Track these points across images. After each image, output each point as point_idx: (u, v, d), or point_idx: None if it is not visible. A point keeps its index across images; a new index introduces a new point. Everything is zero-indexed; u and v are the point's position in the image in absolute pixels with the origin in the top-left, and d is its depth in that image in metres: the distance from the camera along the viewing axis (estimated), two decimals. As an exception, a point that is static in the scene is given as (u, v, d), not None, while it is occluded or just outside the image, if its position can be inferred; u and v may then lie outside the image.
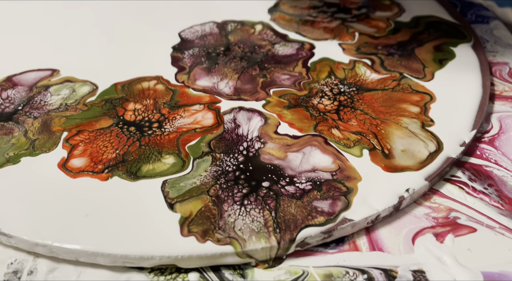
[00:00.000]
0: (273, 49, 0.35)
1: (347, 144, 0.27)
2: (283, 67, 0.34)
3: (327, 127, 0.28)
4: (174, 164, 0.26)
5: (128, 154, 0.27)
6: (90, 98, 0.31)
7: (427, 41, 0.36)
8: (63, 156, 0.27)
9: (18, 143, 0.28)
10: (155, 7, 0.41)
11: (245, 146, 0.27)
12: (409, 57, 0.34)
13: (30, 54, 0.36)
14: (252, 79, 0.32)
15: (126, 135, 0.28)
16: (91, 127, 0.29)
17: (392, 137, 0.28)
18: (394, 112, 0.29)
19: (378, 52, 0.35)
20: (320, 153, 0.27)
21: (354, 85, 0.32)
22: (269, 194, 0.24)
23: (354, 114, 0.29)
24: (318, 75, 0.33)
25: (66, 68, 0.34)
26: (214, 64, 0.34)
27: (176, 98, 0.31)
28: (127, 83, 0.32)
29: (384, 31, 0.37)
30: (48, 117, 0.30)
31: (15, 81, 0.33)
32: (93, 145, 0.28)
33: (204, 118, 0.29)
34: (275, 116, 0.29)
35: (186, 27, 0.38)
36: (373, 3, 0.41)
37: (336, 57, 0.34)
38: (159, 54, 0.35)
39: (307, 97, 0.31)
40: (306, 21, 0.39)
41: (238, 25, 0.38)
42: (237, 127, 0.29)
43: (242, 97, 0.31)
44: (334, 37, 0.36)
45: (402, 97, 0.30)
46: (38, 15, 0.40)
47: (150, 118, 0.29)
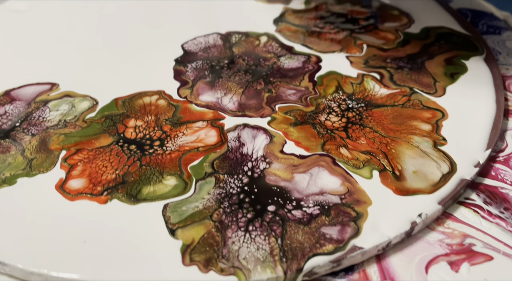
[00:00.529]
0: (278, 62, 0.34)
1: (356, 164, 0.26)
2: (289, 81, 0.32)
3: (335, 146, 0.27)
4: (175, 186, 0.25)
5: (128, 174, 0.26)
6: (90, 114, 0.30)
7: (437, 53, 0.34)
8: (61, 177, 0.26)
9: (14, 163, 0.27)
10: (157, 18, 0.40)
11: (249, 166, 0.26)
12: (419, 71, 0.33)
13: (29, 67, 0.35)
14: (257, 94, 0.31)
15: (127, 154, 0.27)
16: (90, 146, 0.28)
17: (403, 157, 0.26)
18: (404, 130, 0.28)
19: (387, 66, 0.33)
20: (328, 175, 0.26)
21: (362, 100, 0.30)
22: (275, 219, 0.23)
23: (363, 132, 0.28)
24: (325, 90, 0.31)
25: (65, 82, 0.33)
26: (218, 78, 0.33)
27: (179, 114, 0.30)
28: (128, 98, 0.31)
29: (393, 43, 0.36)
30: (47, 134, 0.29)
31: (13, 95, 0.32)
32: (92, 164, 0.27)
33: (207, 136, 0.28)
34: (281, 134, 0.28)
35: (189, 38, 0.37)
36: (381, 13, 0.40)
37: (344, 71, 0.33)
38: (161, 67, 0.34)
39: (314, 114, 0.30)
40: (313, 32, 0.37)
41: (243, 37, 0.37)
42: (241, 146, 0.27)
43: (247, 113, 0.30)
44: (342, 50, 0.35)
45: (412, 113, 0.29)
46: (37, 27, 0.39)
47: (152, 135, 0.28)
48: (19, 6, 0.43)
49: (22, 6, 0.43)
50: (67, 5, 0.42)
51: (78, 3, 0.42)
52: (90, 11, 0.41)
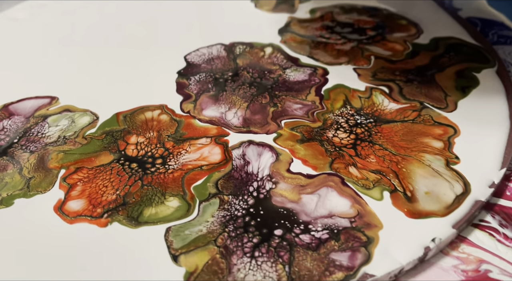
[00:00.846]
0: (284, 75, 0.33)
1: (366, 185, 0.25)
2: (295, 95, 0.31)
3: (343, 165, 0.26)
4: (178, 207, 0.24)
5: (129, 195, 0.25)
6: (90, 130, 0.29)
7: (448, 65, 0.33)
8: (59, 198, 0.25)
9: (12, 182, 0.26)
10: (159, 28, 0.39)
11: (255, 186, 0.25)
12: (430, 84, 0.32)
13: (27, 79, 0.34)
14: (262, 109, 0.30)
15: (128, 173, 0.26)
16: (90, 164, 0.27)
17: (414, 176, 0.25)
18: (415, 148, 0.27)
19: (396, 78, 0.32)
20: (337, 196, 0.25)
21: (371, 115, 0.29)
22: (282, 244, 0.22)
23: (372, 150, 0.27)
24: (332, 105, 0.30)
25: (65, 95, 0.32)
26: (222, 91, 0.32)
27: (181, 130, 0.29)
28: (130, 113, 0.30)
29: (401, 54, 0.35)
30: (45, 151, 0.28)
31: (11, 110, 0.31)
32: (92, 184, 0.26)
33: (211, 153, 0.27)
34: (287, 152, 0.27)
35: (192, 49, 0.36)
36: (388, 23, 0.39)
37: (351, 84, 0.32)
38: (163, 80, 0.33)
39: (321, 130, 0.29)
40: (319, 43, 0.36)
41: (247, 48, 0.36)
42: (246, 164, 0.26)
43: (252, 129, 0.29)
44: (349, 61, 0.34)
45: (423, 130, 0.28)
46: (37, 37, 0.39)
47: (154, 153, 0.27)
48: (18, 15, 0.42)
49: (22, 15, 0.42)
50: (68, 15, 0.41)
51: (80, 13, 0.42)
52: (91, 22, 0.40)
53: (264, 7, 0.41)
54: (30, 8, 0.44)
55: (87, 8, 0.42)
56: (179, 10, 0.42)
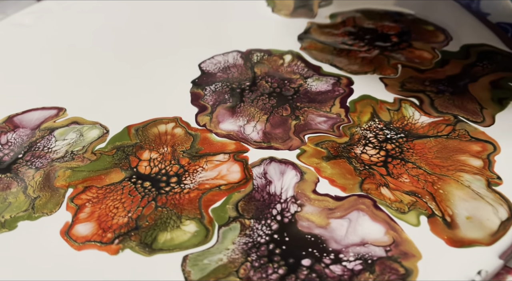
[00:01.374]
0: (305, 84, 0.31)
1: (401, 208, 0.23)
2: (318, 106, 0.29)
3: (375, 185, 0.24)
4: (196, 233, 0.22)
5: (142, 218, 0.23)
6: (100, 144, 0.27)
7: (481, 75, 0.31)
8: (66, 221, 0.23)
9: (16, 202, 0.24)
10: (171, 35, 0.37)
11: (278, 209, 0.23)
12: (463, 95, 0.30)
13: (33, 89, 0.32)
14: (283, 122, 0.28)
15: (140, 193, 0.24)
16: (100, 182, 0.25)
17: (453, 199, 0.23)
18: (452, 166, 0.25)
19: (426, 89, 0.30)
20: (370, 221, 0.22)
21: (402, 130, 0.27)
22: (311, 276, 0.20)
23: (405, 168, 0.25)
24: (359, 118, 0.28)
25: (73, 106, 0.30)
26: (239, 103, 0.30)
27: (197, 145, 0.27)
28: (142, 126, 0.28)
29: (430, 62, 0.33)
30: (52, 168, 0.26)
31: (16, 122, 0.29)
32: (101, 205, 0.24)
33: (230, 171, 0.25)
34: (313, 170, 0.25)
35: (207, 57, 0.34)
36: (414, 28, 0.36)
37: (379, 95, 0.30)
38: (177, 90, 0.31)
39: (348, 145, 0.26)
40: (341, 50, 0.34)
41: (265, 55, 0.34)
42: (268, 184, 0.24)
43: (273, 144, 0.27)
44: (375, 70, 0.32)
45: (459, 146, 0.26)
46: (43, 43, 0.37)
47: (168, 170, 0.25)
48: (25, 20, 0.41)
49: (28, 20, 0.41)
50: (76, 20, 0.40)
51: (88, 18, 0.40)
52: (100, 28, 0.38)
53: (281, 11, 0.39)
54: (36, 12, 0.42)
55: (96, 13, 0.41)
56: (192, 15, 0.40)
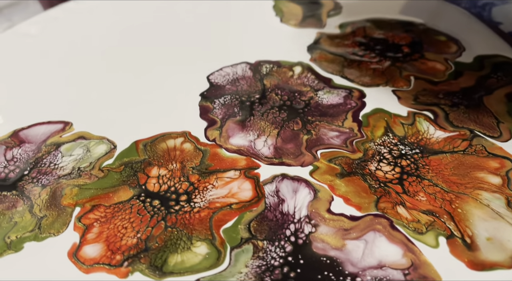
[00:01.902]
0: (316, 97, 0.31)
1: (418, 228, 0.22)
2: (330, 120, 0.29)
3: (391, 204, 0.23)
4: (207, 255, 0.21)
5: (151, 239, 0.22)
6: (107, 160, 0.27)
7: (496, 87, 0.30)
8: (74, 242, 0.22)
9: (22, 222, 0.23)
10: (179, 46, 0.36)
11: (292, 229, 0.22)
12: (478, 109, 0.29)
13: (39, 102, 0.32)
14: (294, 136, 0.28)
15: (149, 212, 0.24)
16: (108, 201, 0.24)
17: (472, 218, 0.22)
18: (469, 184, 0.24)
19: (440, 102, 0.29)
20: (387, 242, 0.22)
21: (417, 145, 0.26)
22: (327, 302, 0.19)
23: (421, 185, 0.24)
24: (372, 132, 0.28)
25: (80, 120, 0.30)
26: (249, 116, 0.29)
27: (207, 161, 0.26)
28: (150, 141, 0.28)
29: (443, 74, 0.32)
30: (58, 185, 0.25)
31: (22, 137, 0.29)
32: (110, 225, 0.23)
33: (241, 189, 0.25)
34: (326, 188, 0.24)
35: (215, 68, 0.34)
36: (426, 39, 0.36)
37: (392, 108, 0.29)
38: (185, 103, 0.31)
39: (362, 162, 0.26)
40: (352, 61, 0.34)
41: (274, 67, 0.33)
42: (281, 203, 0.24)
43: (285, 160, 0.26)
44: (387, 82, 0.31)
45: (476, 162, 0.25)
46: (49, 54, 0.36)
47: (177, 187, 0.25)
48: (30, 29, 0.40)
49: (33, 30, 0.40)
50: (82, 30, 0.39)
51: (94, 29, 0.39)
52: (108, 40, 0.38)
53: (290, 21, 0.39)
54: (42, 22, 0.41)
55: (102, 23, 0.40)
56: (199, 25, 0.39)
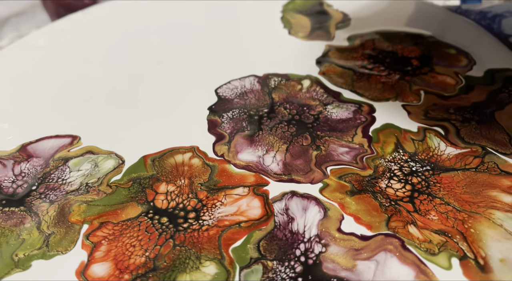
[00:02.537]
0: (325, 111, 0.30)
1: (430, 249, 0.22)
2: (340, 136, 0.28)
3: (402, 224, 0.23)
4: (216, 275, 0.21)
5: (160, 258, 0.22)
6: (115, 176, 0.26)
7: (508, 102, 0.30)
8: (82, 260, 0.22)
9: (29, 239, 0.23)
10: (186, 60, 0.36)
11: (302, 249, 0.22)
12: (490, 124, 0.28)
13: (47, 115, 0.31)
14: (303, 152, 0.27)
15: (158, 230, 0.23)
16: (116, 218, 0.24)
17: (485, 239, 0.22)
18: (482, 203, 0.24)
19: (451, 118, 0.29)
20: (398, 263, 0.21)
21: (427, 162, 0.26)
22: (339, 326, 0.19)
23: (432, 204, 0.24)
24: (383, 148, 0.27)
25: (88, 134, 0.30)
26: (258, 131, 0.29)
27: (215, 177, 0.26)
28: (158, 156, 0.27)
29: (453, 89, 0.32)
30: (66, 202, 0.25)
31: (30, 151, 0.28)
32: (118, 243, 0.23)
33: (250, 206, 0.24)
34: (337, 206, 0.24)
35: (223, 82, 0.33)
36: (435, 52, 0.35)
37: (402, 124, 0.29)
38: (193, 117, 0.31)
39: (372, 179, 0.25)
40: (361, 74, 0.33)
41: (283, 80, 0.33)
42: (290, 221, 0.23)
43: (294, 177, 0.26)
44: (396, 97, 0.31)
45: (489, 180, 0.25)
46: (57, 66, 0.36)
47: (185, 204, 0.25)
48: (38, 41, 0.40)
49: (41, 42, 0.40)
50: (90, 42, 0.39)
51: (105, 41, 0.39)
52: (116, 52, 0.38)
53: (298, 33, 0.39)
54: (50, 33, 0.41)
55: (109, 35, 0.40)
56: (207, 39, 0.39)
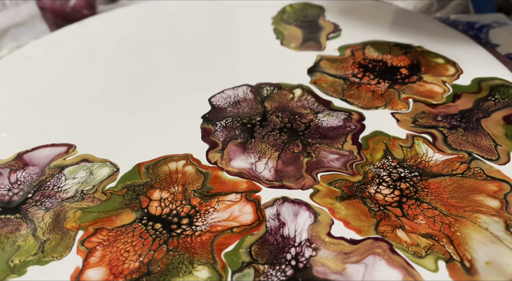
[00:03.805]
0: (316, 120, 0.31)
1: (417, 252, 0.22)
2: (330, 143, 0.29)
3: (390, 228, 0.23)
4: (209, 279, 0.22)
5: (153, 263, 0.22)
6: (110, 183, 0.27)
7: (494, 110, 0.31)
8: (77, 266, 0.23)
9: (25, 245, 0.24)
10: (181, 69, 0.37)
11: (293, 253, 0.23)
12: (476, 131, 0.29)
13: (43, 124, 0.32)
14: (294, 159, 0.28)
15: (151, 235, 0.24)
16: (110, 224, 0.25)
17: (471, 242, 0.23)
18: (468, 207, 0.24)
19: (438, 125, 0.30)
20: (386, 266, 0.22)
21: (415, 168, 0.27)
22: (328, 327, 0.19)
23: (420, 209, 0.24)
24: (372, 155, 0.28)
25: (83, 142, 0.30)
26: (250, 138, 0.30)
27: (208, 184, 0.27)
28: (152, 163, 0.28)
29: (441, 97, 0.32)
30: (62, 209, 0.25)
31: (26, 160, 0.29)
32: (112, 249, 0.23)
33: (242, 212, 0.25)
34: (327, 211, 0.25)
35: (216, 91, 0.34)
36: (424, 61, 0.36)
37: (391, 131, 0.30)
38: (187, 126, 0.31)
39: (362, 185, 0.26)
40: (352, 83, 0.34)
41: (275, 89, 0.34)
42: (281, 226, 0.24)
43: (285, 183, 0.26)
44: (386, 105, 0.32)
45: (475, 185, 0.26)
46: (53, 77, 0.37)
47: (179, 211, 0.25)
48: (35, 52, 0.41)
49: (38, 53, 0.41)
50: (86, 53, 0.40)
51: (100, 52, 0.40)
52: (111, 62, 0.38)
53: (290, 44, 0.39)
54: (46, 44, 0.42)
55: (105, 46, 0.41)
56: (201, 48, 0.40)
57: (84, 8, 0.51)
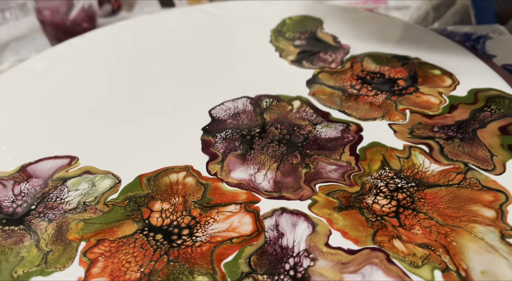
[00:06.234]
0: (314, 131, 0.31)
1: (414, 262, 0.23)
2: (328, 154, 0.29)
3: (387, 238, 0.24)
4: (209, 289, 0.22)
5: (154, 273, 0.23)
6: (112, 195, 0.27)
7: (490, 120, 0.31)
8: (79, 276, 0.23)
9: (28, 256, 0.24)
10: (181, 82, 0.37)
11: (291, 263, 0.23)
12: (472, 142, 0.30)
13: (46, 137, 0.33)
14: (293, 170, 0.28)
15: (152, 246, 0.24)
16: (112, 235, 0.25)
17: (466, 252, 0.23)
18: (464, 217, 0.25)
19: (435, 136, 0.30)
20: (383, 276, 0.22)
21: (412, 179, 0.27)
22: None
23: (417, 219, 0.25)
24: (369, 166, 0.28)
25: (85, 154, 0.31)
26: (250, 150, 0.30)
27: (208, 195, 0.27)
28: (153, 175, 0.28)
29: (437, 108, 0.33)
30: (64, 220, 0.26)
31: (29, 172, 0.29)
32: (114, 259, 0.24)
33: (241, 223, 0.25)
34: (325, 222, 0.25)
35: (216, 103, 0.35)
36: (421, 73, 0.37)
37: (388, 142, 0.30)
38: (187, 138, 0.32)
39: (359, 195, 0.26)
40: (350, 95, 0.35)
41: (274, 101, 0.35)
42: (280, 237, 0.24)
43: (284, 194, 0.27)
44: (383, 116, 0.32)
45: (471, 195, 0.26)
46: (56, 90, 0.37)
47: (179, 222, 0.26)
48: (38, 66, 0.42)
49: (40, 66, 0.42)
50: (88, 66, 0.40)
51: (103, 66, 0.41)
52: (113, 75, 0.39)
53: (289, 56, 0.40)
54: (49, 58, 0.43)
55: (107, 59, 0.42)
56: (201, 60, 0.40)
57: (84, 21, 0.52)
